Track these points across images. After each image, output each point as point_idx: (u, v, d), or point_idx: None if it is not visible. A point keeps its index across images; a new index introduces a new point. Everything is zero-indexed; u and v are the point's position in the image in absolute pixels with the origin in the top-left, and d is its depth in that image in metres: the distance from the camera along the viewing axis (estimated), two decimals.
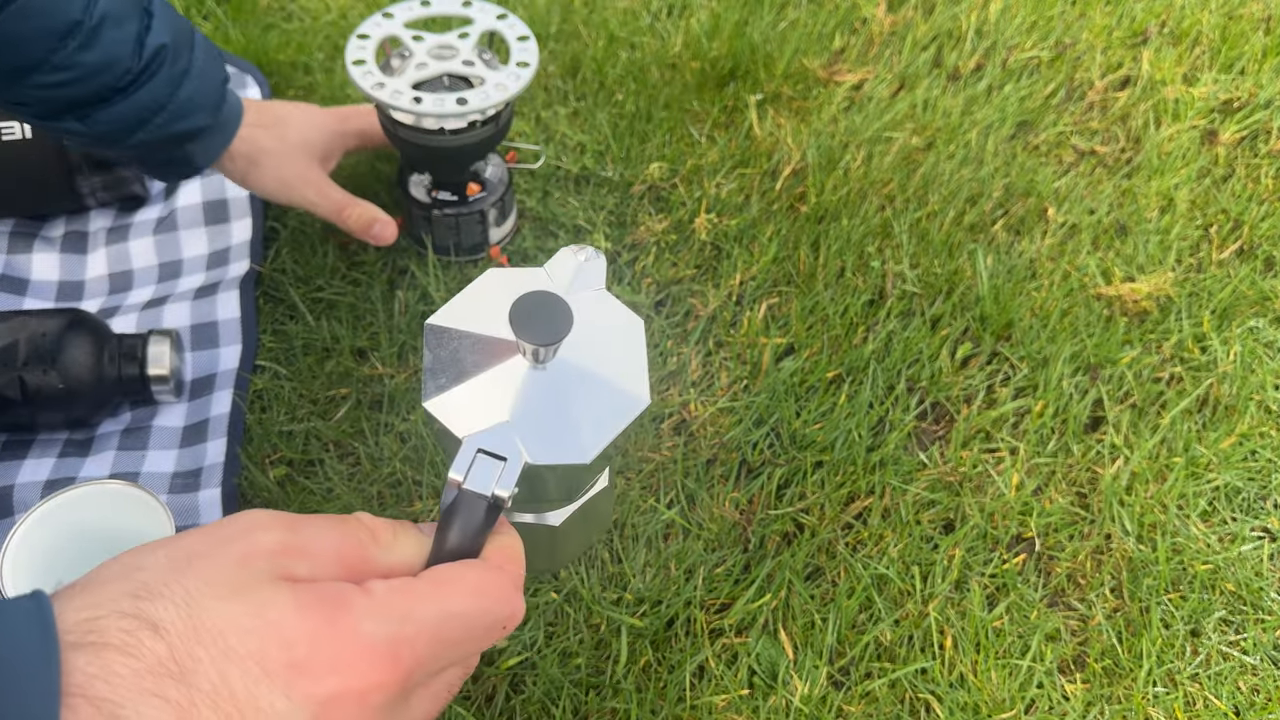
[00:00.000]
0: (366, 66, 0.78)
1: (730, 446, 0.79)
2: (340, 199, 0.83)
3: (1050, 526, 0.77)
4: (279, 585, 0.31)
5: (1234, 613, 0.73)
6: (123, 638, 0.27)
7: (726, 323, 0.87)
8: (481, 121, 0.80)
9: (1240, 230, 0.97)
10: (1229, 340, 0.88)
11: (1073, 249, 0.94)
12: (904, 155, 1.00)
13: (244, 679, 0.28)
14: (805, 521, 0.76)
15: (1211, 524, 0.78)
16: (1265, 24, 1.17)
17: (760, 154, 0.99)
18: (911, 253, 0.92)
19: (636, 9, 1.13)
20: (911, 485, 0.78)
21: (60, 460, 0.76)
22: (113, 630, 0.27)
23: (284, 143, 0.81)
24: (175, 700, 0.27)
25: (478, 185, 0.87)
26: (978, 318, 0.88)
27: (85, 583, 0.29)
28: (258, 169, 0.80)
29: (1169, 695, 0.69)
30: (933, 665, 0.69)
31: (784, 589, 0.72)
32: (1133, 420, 0.83)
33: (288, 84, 1.05)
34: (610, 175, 0.97)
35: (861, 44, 1.11)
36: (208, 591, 0.29)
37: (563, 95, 1.05)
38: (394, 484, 0.76)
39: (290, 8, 1.13)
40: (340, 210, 0.83)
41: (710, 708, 0.67)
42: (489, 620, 0.35)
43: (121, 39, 0.65)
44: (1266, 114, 1.07)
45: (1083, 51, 1.13)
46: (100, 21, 0.63)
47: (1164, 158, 1.02)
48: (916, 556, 0.74)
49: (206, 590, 0.29)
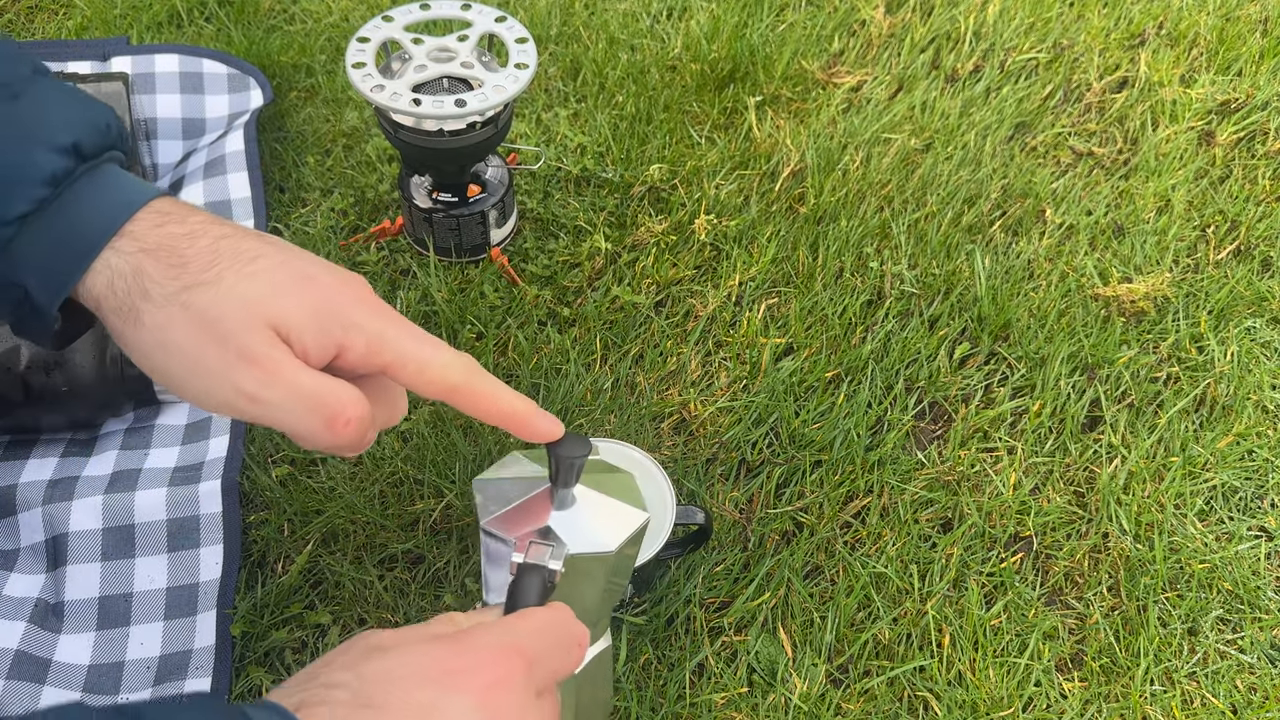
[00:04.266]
0: (366, 69, 0.78)
1: (730, 446, 0.80)
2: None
3: (1048, 525, 0.77)
4: (406, 649, 0.39)
5: (1231, 611, 0.73)
6: (319, 694, 0.35)
7: (726, 323, 0.87)
8: (481, 123, 0.80)
9: (1237, 231, 0.97)
10: (1226, 340, 0.89)
11: (1070, 250, 0.94)
12: (902, 156, 1.01)
13: (418, 691, 0.35)
14: (804, 520, 0.76)
15: (1209, 523, 0.78)
16: (1262, 25, 1.17)
17: (759, 155, 1.00)
18: (910, 253, 0.93)
19: (637, 11, 1.14)
20: (910, 484, 0.78)
21: (63, 460, 0.76)
22: (309, 697, 0.35)
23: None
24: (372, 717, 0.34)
25: (478, 186, 0.88)
26: (976, 318, 0.88)
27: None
28: (140, 327, 0.43)
29: (1166, 693, 0.69)
30: (931, 663, 0.69)
31: (783, 587, 0.72)
32: (1130, 420, 0.83)
33: (290, 86, 1.05)
34: (610, 176, 0.97)
35: (860, 46, 1.12)
36: (363, 661, 0.37)
37: (563, 97, 1.05)
38: (396, 483, 0.77)
39: (292, 10, 1.14)
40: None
41: (710, 705, 0.67)
42: (566, 634, 0.43)
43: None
44: (1264, 115, 1.07)
45: (1080, 53, 1.13)
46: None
47: (1161, 159, 1.03)
48: (915, 555, 0.74)
49: (362, 661, 0.38)
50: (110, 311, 0.42)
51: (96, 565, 0.70)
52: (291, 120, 1.02)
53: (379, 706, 0.34)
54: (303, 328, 0.42)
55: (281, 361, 0.41)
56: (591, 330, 0.86)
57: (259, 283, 0.42)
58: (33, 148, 0.42)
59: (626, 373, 0.84)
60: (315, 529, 0.74)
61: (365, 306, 0.44)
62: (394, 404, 0.47)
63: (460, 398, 0.45)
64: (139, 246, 0.42)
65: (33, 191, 0.41)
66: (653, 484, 0.68)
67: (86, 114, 0.44)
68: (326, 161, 0.98)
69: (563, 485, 0.50)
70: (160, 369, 0.43)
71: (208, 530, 0.72)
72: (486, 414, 0.45)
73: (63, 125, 0.43)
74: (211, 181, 0.93)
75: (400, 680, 0.36)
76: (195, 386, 0.42)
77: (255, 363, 0.41)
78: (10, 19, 1.12)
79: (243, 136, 0.95)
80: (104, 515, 0.71)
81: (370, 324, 0.43)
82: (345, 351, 0.43)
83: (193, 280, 0.42)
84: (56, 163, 0.42)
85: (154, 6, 1.11)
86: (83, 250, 0.42)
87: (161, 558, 0.71)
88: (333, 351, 0.43)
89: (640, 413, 0.81)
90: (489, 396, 0.45)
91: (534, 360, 0.84)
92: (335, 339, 0.43)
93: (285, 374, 0.41)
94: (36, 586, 0.70)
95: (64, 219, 0.42)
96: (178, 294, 0.42)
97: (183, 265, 0.42)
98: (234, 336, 0.41)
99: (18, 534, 0.72)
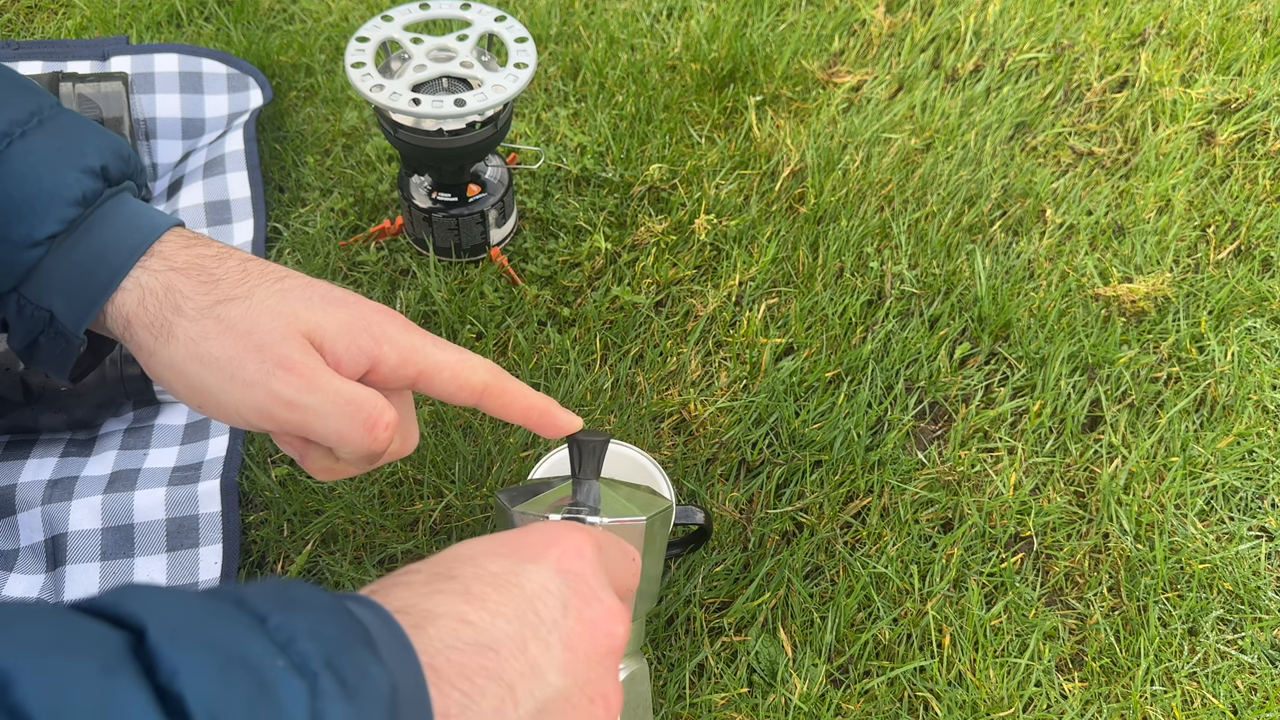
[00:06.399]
0: (365, 69, 0.78)
1: (730, 446, 0.79)
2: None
3: (1048, 526, 0.77)
4: (477, 539, 0.39)
5: (1231, 612, 0.73)
6: (394, 579, 0.35)
7: (726, 323, 0.87)
8: (480, 123, 0.80)
9: (1238, 231, 0.97)
10: (1226, 340, 0.89)
11: (1070, 249, 0.94)
12: (902, 156, 1.01)
13: (493, 563, 0.35)
14: (804, 520, 0.76)
15: (1209, 523, 0.78)
16: (1263, 25, 1.17)
17: (759, 155, 1.00)
18: (910, 253, 0.92)
19: (636, 11, 1.14)
20: (910, 484, 0.78)
21: (62, 460, 0.76)
22: (384, 584, 0.35)
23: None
24: (452, 589, 0.34)
25: (478, 186, 0.88)
26: (976, 318, 0.88)
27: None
28: (173, 341, 0.43)
29: (1167, 694, 0.69)
30: (931, 664, 0.69)
31: (783, 588, 0.72)
32: (1130, 420, 0.83)
33: (289, 85, 1.05)
34: (610, 176, 0.97)
35: (860, 46, 1.12)
36: (435, 556, 0.37)
37: (563, 97, 1.05)
38: (395, 484, 0.77)
39: (292, 10, 1.14)
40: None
41: (709, 706, 0.67)
42: (622, 545, 0.43)
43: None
44: (1264, 115, 1.07)
45: (1080, 53, 1.13)
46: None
47: (1161, 159, 1.03)
48: (915, 555, 0.74)
49: (434, 557, 0.37)
50: (141, 327, 0.43)
51: (96, 565, 0.70)
52: (291, 120, 1.02)
53: (454, 577, 0.34)
54: (335, 338, 0.44)
55: (318, 369, 0.43)
56: (591, 330, 0.86)
57: (291, 298, 0.44)
58: (63, 169, 0.43)
59: (626, 373, 0.84)
60: (315, 529, 0.74)
61: (394, 322, 0.46)
62: (409, 433, 0.49)
63: (490, 397, 0.47)
64: (169, 265, 0.43)
65: (63, 212, 0.42)
66: (652, 485, 0.68)
67: (110, 142, 0.45)
68: (326, 161, 0.98)
69: (585, 476, 0.50)
70: (194, 382, 0.43)
71: (207, 530, 0.72)
72: (512, 411, 0.47)
73: (92, 149, 0.44)
74: (211, 181, 0.93)
75: (474, 556, 0.36)
76: (231, 396, 0.42)
77: (293, 369, 0.42)
78: (10, 18, 1.12)
79: (242, 136, 0.95)
80: (103, 515, 0.71)
81: (401, 337, 0.45)
82: (379, 364, 0.45)
83: (225, 295, 0.43)
84: (86, 184, 0.43)
85: (153, 6, 1.11)
86: (114, 268, 0.43)
87: (160, 557, 0.71)
88: (365, 364, 0.44)
89: (640, 413, 0.81)
90: (515, 394, 0.47)
91: (534, 360, 0.84)
92: (368, 351, 0.44)
93: (322, 380, 0.43)
94: (36, 587, 0.70)
95: (92, 239, 0.43)
96: (211, 308, 0.43)
97: (214, 282, 0.43)
98: (271, 346, 0.42)
99: (17, 534, 0.72)
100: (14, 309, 0.44)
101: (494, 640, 0.32)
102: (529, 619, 0.34)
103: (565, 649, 0.34)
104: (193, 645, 0.25)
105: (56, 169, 0.43)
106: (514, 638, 0.33)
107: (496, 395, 0.47)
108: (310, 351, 0.43)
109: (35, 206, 0.42)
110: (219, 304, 0.43)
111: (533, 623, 0.34)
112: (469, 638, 0.32)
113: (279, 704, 0.25)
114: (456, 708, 0.30)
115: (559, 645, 0.34)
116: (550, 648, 0.34)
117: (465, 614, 0.33)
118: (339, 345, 0.44)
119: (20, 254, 0.42)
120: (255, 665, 0.25)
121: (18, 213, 0.42)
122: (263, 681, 0.25)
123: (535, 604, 0.34)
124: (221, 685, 0.24)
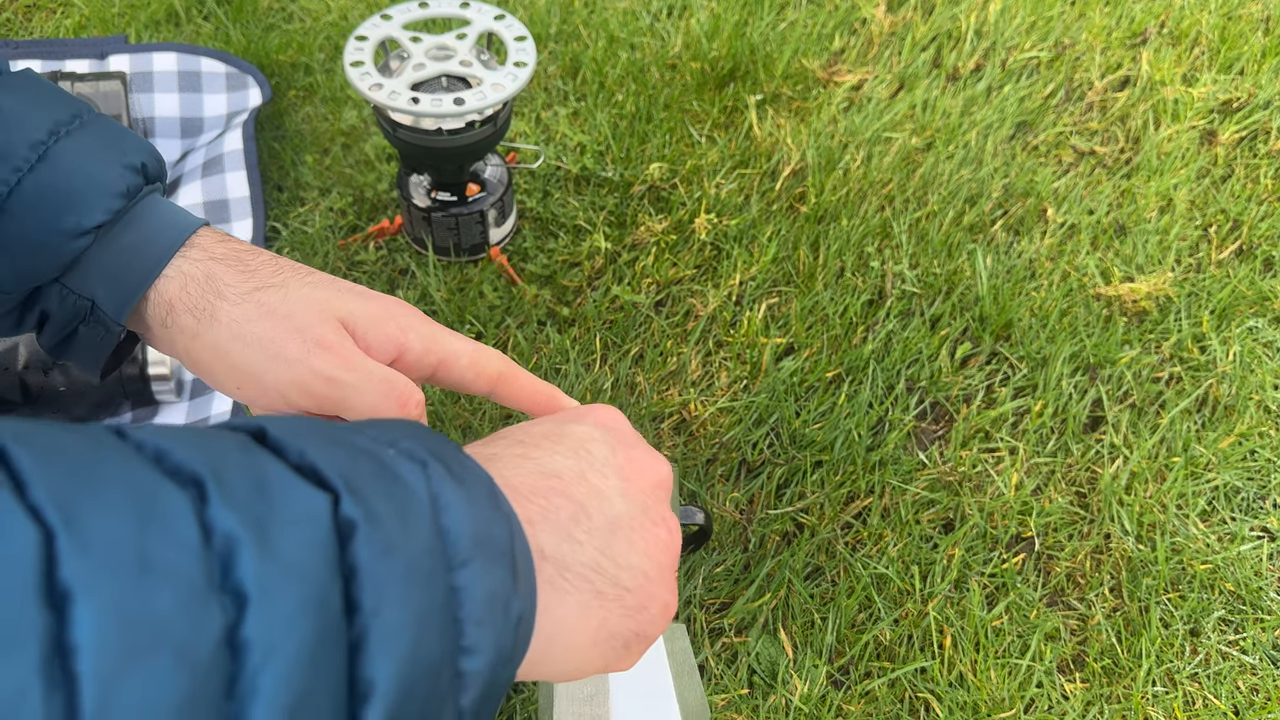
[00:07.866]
0: (364, 68, 0.78)
1: (730, 446, 0.79)
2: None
3: (1049, 526, 0.77)
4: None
5: (1233, 612, 0.73)
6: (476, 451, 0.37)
7: (726, 323, 0.87)
8: (479, 122, 0.80)
9: (1239, 230, 0.97)
10: (1228, 340, 0.88)
11: (1072, 249, 0.94)
12: (903, 156, 1.00)
13: (543, 425, 0.38)
14: (805, 521, 0.76)
15: (1211, 524, 0.78)
16: (1264, 24, 1.17)
17: (760, 154, 1.00)
18: (911, 253, 0.92)
19: (636, 10, 1.14)
20: (911, 485, 0.78)
21: None
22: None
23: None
24: (506, 441, 0.36)
25: (477, 186, 0.87)
26: (977, 318, 0.88)
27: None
28: (215, 323, 0.46)
29: (1168, 695, 0.69)
30: (932, 664, 0.69)
31: (784, 588, 0.72)
32: (1132, 420, 0.83)
33: (288, 84, 1.05)
34: (610, 175, 0.97)
35: (861, 45, 1.12)
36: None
37: (563, 96, 1.05)
38: None
39: (291, 9, 1.14)
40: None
41: (710, 706, 0.67)
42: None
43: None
44: (1265, 114, 1.07)
45: (1082, 52, 1.13)
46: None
47: (1163, 158, 1.02)
48: (916, 556, 0.74)
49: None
50: (184, 311, 0.46)
51: None
52: (290, 119, 1.02)
53: (503, 438, 0.37)
54: (367, 326, 0.47)
55: (354, 350, 0.46)
56: (591, 330, 0.86)
57: (322, 288, 0.48)
58: (109, 164, 0.46)
59: (626, 373, 0.83)
60: None
61: (416, 314, 0.50)
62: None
63: (503, 384, 0.50)
64: (208, 255, 0.47)
65: (110, 203, 0.45)
66: None
67: (145, 143, 0.48)
68: (325, 160, 0.98)
69: None
70: (238, 360, 0.46)
71: None
72: (522, 397, 0.51)
73: (132, 148, 0.47)
74: (210, 180, 0.93)
75: (517, 428, 0.38)
76: (273, 374, 0.46)
77: (332, 349, 0.46)
78: (9, 17, 1.12)
79: (241, 135, 0.95)
80: None
81: (423, 328, 0.49)
82: (404, 352, 0.48)
83: (262, 283, 0.47)
84: (129, 178, 0.46)
85: (152, 5, 1.11)
86: (156, 257, 0.46)
87: None
88: (392, 352, 0.48)
89: (640, 413, 0.80)
90: (525, 383, 0.50)
91: (533, 360, 0.84)
92: (395, 340, 0.48)
93: (358, 360, 0.46)
94: None
95: (135, 230, 0.46)
96: (251, 294, 0.46)
97: (251, 272, 0.47)
98: (310, 328, 0.46)
99: None
100: (55, 299, 0.47)
101: (556, 470, 0.35)
102: (583, 455, 0.37)
103: (621, 478, 0.37)
104: (311, 435, 0.27)
105: (103, 163, 0.45)
106: (573, 469, 0.36)
107: (509, 382, 0.50)
108: (345, 335, 0.47)
109: (85, 197, 0.45)
110: (258, 290, 0.46)
111: (586, 458, 0.37)
112: (533, 468, 0.35)
113: (400, 479, 0.27)
114: (539, 514, 0.33)
115: (615, 475, 0.37)
116: (608, 477, 0.37)
117: (525, 453, 0.36)
118: (370, 333, 0.47)
119: (68, 243, 0.45)
120: (371, 450, 0.28)
121: (68, 203, 0.45)
122: (381, 463, 0.28)
123: (586, 445, 0.37)
124: (348, 461, 0.27)
